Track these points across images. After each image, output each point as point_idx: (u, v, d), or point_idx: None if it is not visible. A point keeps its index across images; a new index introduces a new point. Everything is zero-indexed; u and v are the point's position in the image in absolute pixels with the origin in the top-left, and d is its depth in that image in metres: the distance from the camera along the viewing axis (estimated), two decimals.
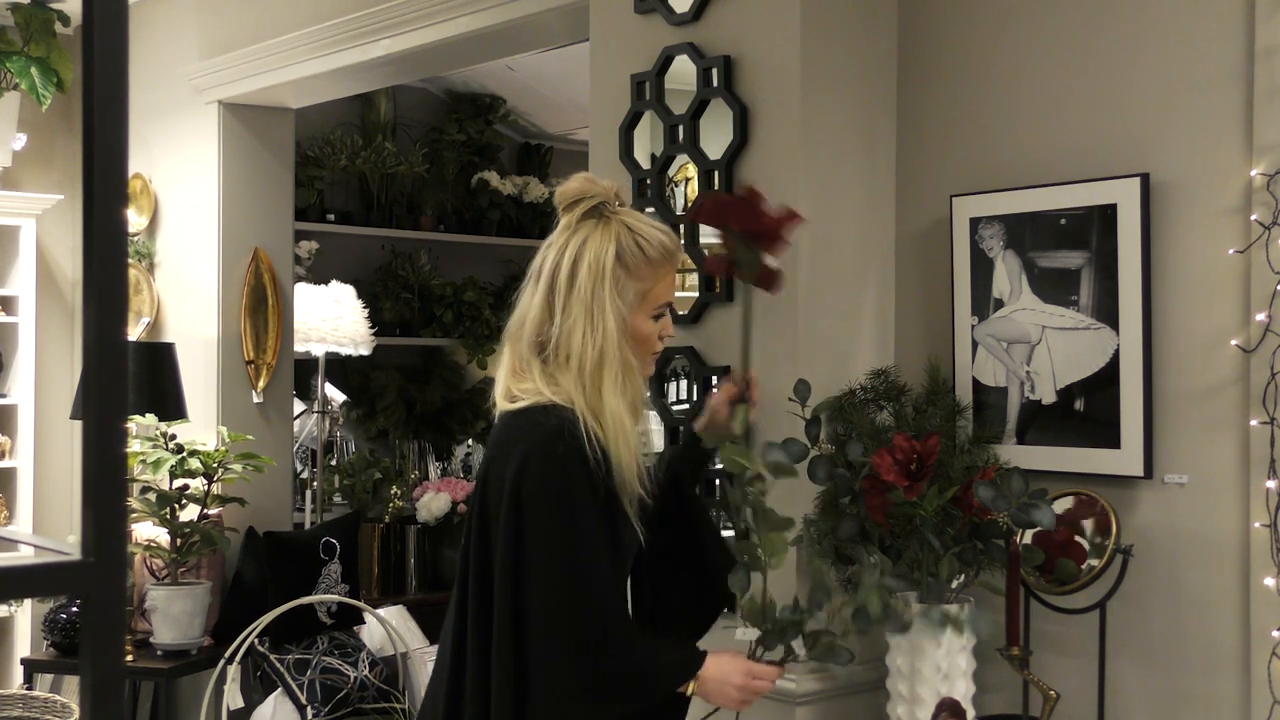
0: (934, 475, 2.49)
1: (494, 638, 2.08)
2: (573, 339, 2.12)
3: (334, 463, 6.11)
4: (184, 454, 4.45)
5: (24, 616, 5.36)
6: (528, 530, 2.07)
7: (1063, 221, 2.65)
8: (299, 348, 5.50)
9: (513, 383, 2.18)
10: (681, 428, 2.71)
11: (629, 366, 2.14)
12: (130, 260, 5.04)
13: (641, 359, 2.19)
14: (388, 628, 4.42)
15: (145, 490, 4.46)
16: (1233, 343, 2.46)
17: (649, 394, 2.21)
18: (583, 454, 2.07)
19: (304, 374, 5.82)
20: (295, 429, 5.57)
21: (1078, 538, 2.55)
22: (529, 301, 2.18)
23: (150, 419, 4.59)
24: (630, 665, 2.09)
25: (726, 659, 2.16)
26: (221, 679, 4.09)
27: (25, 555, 3.66)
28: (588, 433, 2.08)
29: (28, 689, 4.61)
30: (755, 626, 2.19)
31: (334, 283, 5.84)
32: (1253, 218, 2.42)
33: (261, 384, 5.14)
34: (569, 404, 2.10)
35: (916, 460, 2.42)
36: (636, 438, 2.13)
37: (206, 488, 4.52)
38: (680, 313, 2.83)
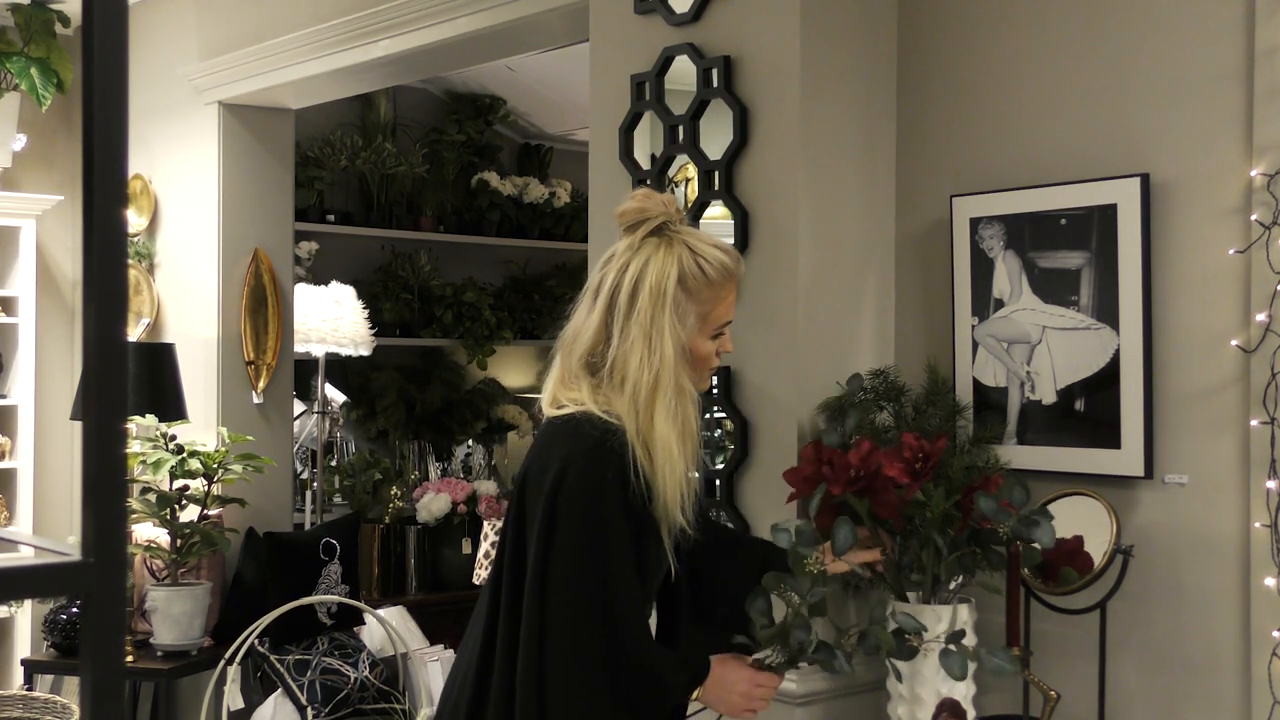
0: (934, 476, 2.49)
1: (521, 643, 2.08)
2: (629, 363, 2.11)
3: (334, 463, 6.11)
4: (184, 455, 4.45)
5: (24, 617, 5.36)
6: (556, 539, 2.07)
7: (1063, 221, 2.65)
8: (299, 348, 5.50)
9: (561, 391, 2.19)
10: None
11: (682, 392, 2.14)
12: (130, 261, 5.04)
13: (698, 375, 2.20)
14: (388, 628, 4.42)
15: (145, 491, 4.46)
16: (1233, 343, 2.46)
17: (700, 420, 2.21)
18: (623, 471, 2.08)
19: (304, 374, 5.82)
20: (295, 429, 5.57)
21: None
22: (585, 318, 2.18)
23: (150, 420, 4.59)
24: (644, 682, 2.11)
25: (731, 666, 2.18)
26: (222, 680, 4.08)
27: (25, 556, 3.66)
28: (634, 458, 2.08)
29: (28, 690, 4.61)
30: (772, 649, 2.21)
31: (334, 283, 5.84)
32: (1253, 218, 2.42)
33: (261, 385, 5.14)
34: (618, 421, 2.10)
35: (921, 459, 2.43)
36: (683, 466, 2.12)
37: (206, 488, 4.52)
38: None
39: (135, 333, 5.33)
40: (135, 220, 5.40)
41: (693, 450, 2.15)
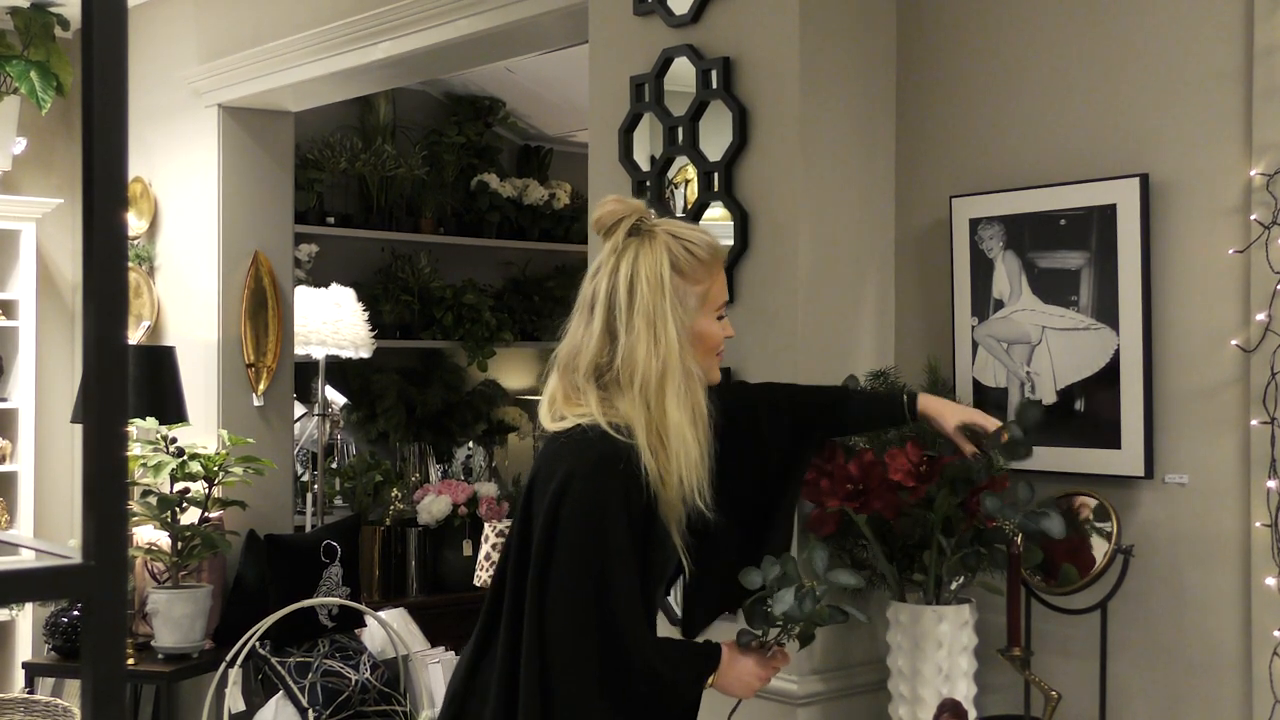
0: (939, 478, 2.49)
1: (523, 656, 2.10)
2: (636, 354, 2.12)
3: (334, 465, 6.11)
4: (184, 457, 4.45)
5: (25, 620, 5.36)
6: (556, 555, 2.08)
7: (1062, 222, 2.65)
8: (299, 350, 5.50)
9: (565, 406, 2.19)
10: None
11: (690, 376, 2.16)
12: (130, 264, 5.03)
13: (707, 364, 2.23)
14: (389, 630, 4.42)
15: (146, 494, 4.46)
16: (1233, 343, 2.46)
17: (708, 402, 2.21)
18: (625, 486, 2.08)
19: (304, 377, 5.82)
20: (296, 432, 5.57)
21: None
22: (583, 331, 2.18)
23: (151, 422, 4.59)
24: (653, 686, 2.13)
25: (740, 652, 2.22)
26: (223, 682, 4.08)
27: (26, 559, 3.65)
28: (642, 468, 2.08)
29: (29, 693, 4.61)
30: (758, 627, 2.21)
31: (334, 285, 5.84)
32: (1252, 217, 2.42)
33: (262, 387, 5.14)
34: (624, 428, 2.11)
35: (926, 463, 2.43)
36: (698, 451, 2.14)
37: (207, 491, 4.52)
38: None
39: (135, 336, 5.33)
40: (135, 223, 5.40)
41: (704, 432, 2.17)
